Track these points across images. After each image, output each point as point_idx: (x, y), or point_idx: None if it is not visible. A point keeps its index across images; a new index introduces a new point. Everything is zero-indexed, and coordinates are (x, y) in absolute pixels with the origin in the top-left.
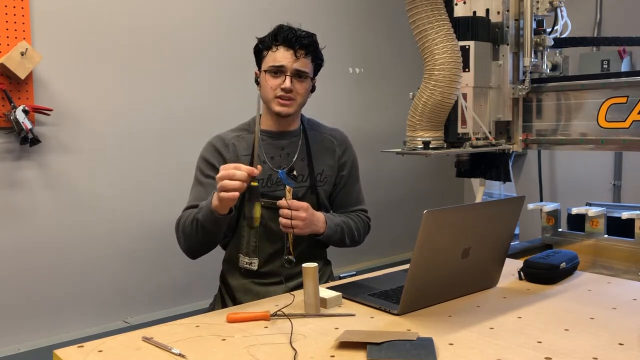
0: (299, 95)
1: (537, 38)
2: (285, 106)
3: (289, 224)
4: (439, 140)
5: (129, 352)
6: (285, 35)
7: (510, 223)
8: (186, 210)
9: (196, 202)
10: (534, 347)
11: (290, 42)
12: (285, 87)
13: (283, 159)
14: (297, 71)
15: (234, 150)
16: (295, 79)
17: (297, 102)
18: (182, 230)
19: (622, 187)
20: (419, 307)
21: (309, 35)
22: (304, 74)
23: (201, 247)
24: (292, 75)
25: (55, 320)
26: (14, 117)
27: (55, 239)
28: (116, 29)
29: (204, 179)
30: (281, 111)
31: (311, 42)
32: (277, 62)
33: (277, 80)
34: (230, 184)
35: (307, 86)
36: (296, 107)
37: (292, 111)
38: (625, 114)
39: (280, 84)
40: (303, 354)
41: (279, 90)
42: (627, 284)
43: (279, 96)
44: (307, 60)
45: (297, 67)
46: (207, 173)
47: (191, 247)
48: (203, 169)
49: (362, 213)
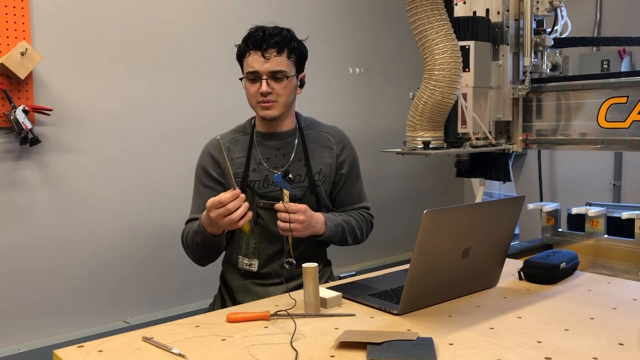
0: (280, 96)
1: (537, 38)
2: (269, 109)
3: (287, 228)
4: (439, 140)
5: (129, 352)
6: (253, 39)
7: (510, 223)
8: (188, 223)
9: (196, 214)
10: (534, 347)
11: (258, 44)
12: (262, 92)
13: (279, 159)
14: (271, 73)
15: (228, 155)
16: (271, 81)
17: (280, 103)
18: (187, 246)
19: (622, 187)
20: (419, 307)
21: (279, 32)
22: (280, 73)
23: (208, 259)
24: (267, 78)
25: (55, 320)
26: (14, 117)
27: (55, 239)
28: (116, 29)
29: (202, 188)
30: (265, 115)
31: (282, 38)
32: (251, 68)
33: (255, 85)
34: (228, 219)
35: (287, 84)
36: (281, 108)
37: (278, 113)
38: (625, 114)
39: (258, 89)
40: (303, 354)
41: (259, 95)
42: (627, 284)
43: (260, 101)
44: (280, 58)
45: (269, 68)
46: (205, 183)
47: (199, 260)
48: (201, 178)
49: (365, 210)
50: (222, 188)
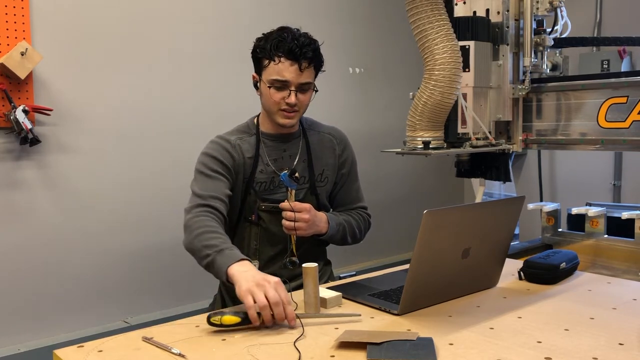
0: (302, 106)
1: (537, 38)
2: (290, 118)
3: (292, 226)
4: (439, 140)
5: (129, 352)
6: (289, 48)
7: (510, 223)
8: (197, 208)
9: (204, 192)
10: (534, 347)
11: (295, 55)
12: (290, 102)
13: (285, 160)
14: (300, 85)
15: (240, 151)
16: (299, 92)
17: (301, 112)
18: (189, 244)
19: (622, 187)
20: (419, 307)
21: (312, 43)
22: (307, 85)
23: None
24: (296, 89)
25: (55, 320)
26: (14, 117)
27: (55, 239)
28: (116, 29)
29: (211, 172)
30: (287, 124)
31: (315, 51)
32: (281, 77)
33: (281, 93)
34: (270, 316)
35: (310, 95)
36: (300, 116)
37: (296, 121)
38: (625, 114)
39: (284, 98)
40: (303, 354)
41: (284, 104)
42: (627, 284)
43: (283, 109)
44: (310, 70)
45: (302, 80)
46: (214, 168)
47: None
48: (209, 164)
49: (362, 210)
50: (232, 179)
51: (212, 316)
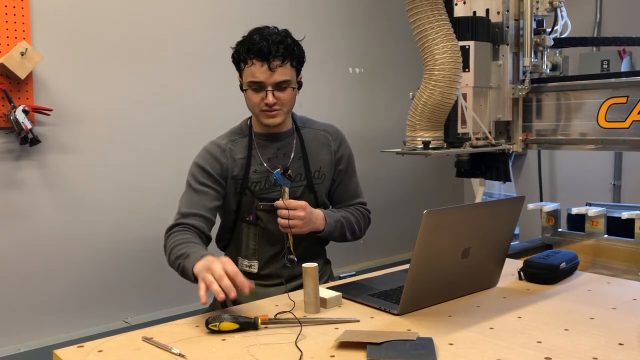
0: (284, 104)
1: (537, 38)
2: (273, 117)
3: (287, 224)
4: (439, 140)
5: (129, 352)
6: (258, 48)
7: (510, 223)
8: (175, 228)
9: (188, 209)
10: (534, 347)
11: (264, 55)
12: (268, 102)
13: (280, 159)
14: (276, 84)
15: (230, 155)
16: (276, 90)
17: (284, 110)
18: (168, 262)
19: (622, 187)
20: (419, 307)
21: (282, 41)
22: (285, 83)
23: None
24: (272, 89)
25: (55, 320)
26: (14, 117)
27: (55, 239)
28: (116, 29)
29: (198, 186)
30: (270, 123)
31: (286, 48)
32: (255, 79)
33: (259, 95)
34: (219, 288)
35: (291, 92)
36: (284, 114)
37: (282, 120)
38: (625, 114)
39: (262, 99)
40: (303, 353)
41: (263, 104)
42: (627, 284)
43: (264, 110)
44: (285, 68)
45: (276, 79)
46: (201, 180)
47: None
48: (197, 176)
49: (361, 206)
50: (221, 189)
51: (210, 322)
